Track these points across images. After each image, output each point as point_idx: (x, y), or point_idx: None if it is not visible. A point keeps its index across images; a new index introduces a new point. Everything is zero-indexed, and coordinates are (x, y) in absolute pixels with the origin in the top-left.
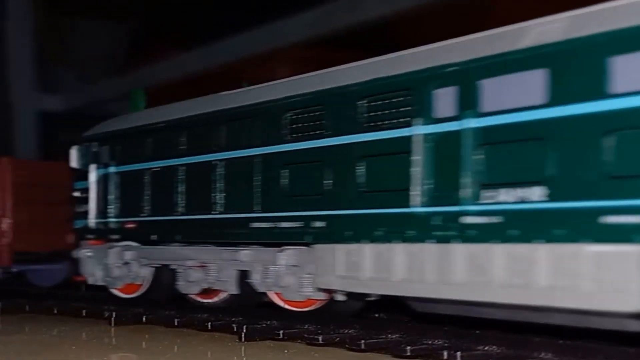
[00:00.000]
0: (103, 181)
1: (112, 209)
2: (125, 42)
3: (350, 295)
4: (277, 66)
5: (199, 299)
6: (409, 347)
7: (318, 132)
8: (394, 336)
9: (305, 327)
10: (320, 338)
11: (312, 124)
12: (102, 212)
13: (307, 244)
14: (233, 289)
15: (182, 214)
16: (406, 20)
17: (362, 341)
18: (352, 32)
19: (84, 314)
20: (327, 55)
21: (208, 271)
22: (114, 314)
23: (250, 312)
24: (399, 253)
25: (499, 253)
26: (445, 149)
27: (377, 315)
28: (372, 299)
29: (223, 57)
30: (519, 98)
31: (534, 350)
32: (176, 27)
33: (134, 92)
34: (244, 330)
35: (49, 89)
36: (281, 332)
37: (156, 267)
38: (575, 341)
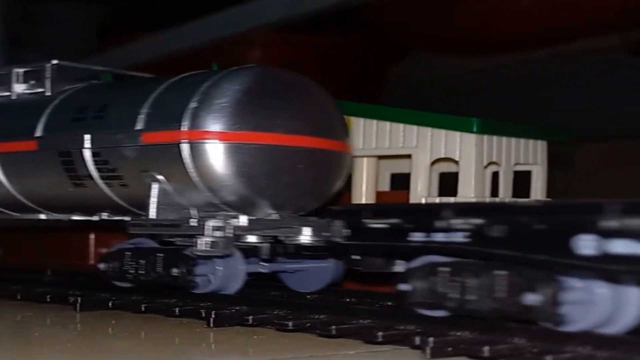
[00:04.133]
0: None
1: None
2: (96, 26)
3: None
4: (250, 49)
5: None
6: (380, 333)
7: None
8: (365, 322)
9: (275, 312)
10: (290, 324)
11: None
12: None
13: None
14: None
15: None
16: (387, 3)
17: (333, 327)
18: (329, 15)
19: (48, 300)
20: (304, 38)
21: None
22: (79, 299)
23: (220, 297)
24: None
25: None
26: None
27: (348, 300)
28: None
29: (195, 39)
30: None
31: (508, 335)
32: (147, 10)
33: (102, 75)
34: (213, 316)
35: None
36: (250, 317)
37: None
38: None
